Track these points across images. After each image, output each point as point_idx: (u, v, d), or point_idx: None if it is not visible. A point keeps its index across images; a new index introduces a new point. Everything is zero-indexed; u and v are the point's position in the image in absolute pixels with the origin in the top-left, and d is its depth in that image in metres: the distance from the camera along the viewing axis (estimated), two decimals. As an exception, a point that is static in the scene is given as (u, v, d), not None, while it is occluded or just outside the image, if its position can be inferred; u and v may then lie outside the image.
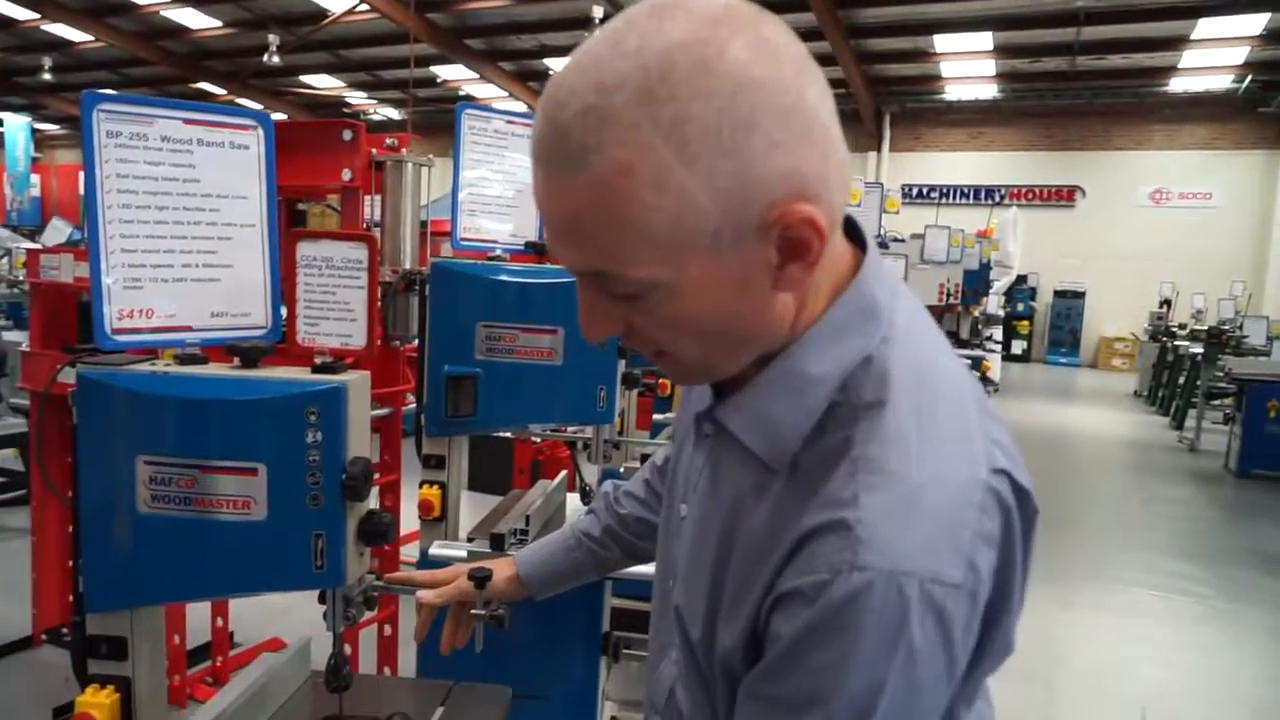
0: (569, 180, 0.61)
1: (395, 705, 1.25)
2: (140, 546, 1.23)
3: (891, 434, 0.64)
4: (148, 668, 1.29)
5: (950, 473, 0.64)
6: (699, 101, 0.58)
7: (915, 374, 0.67)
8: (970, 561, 0.62)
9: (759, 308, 0.66)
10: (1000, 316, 10.68)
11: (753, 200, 0.61)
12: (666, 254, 0.62)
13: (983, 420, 0.69)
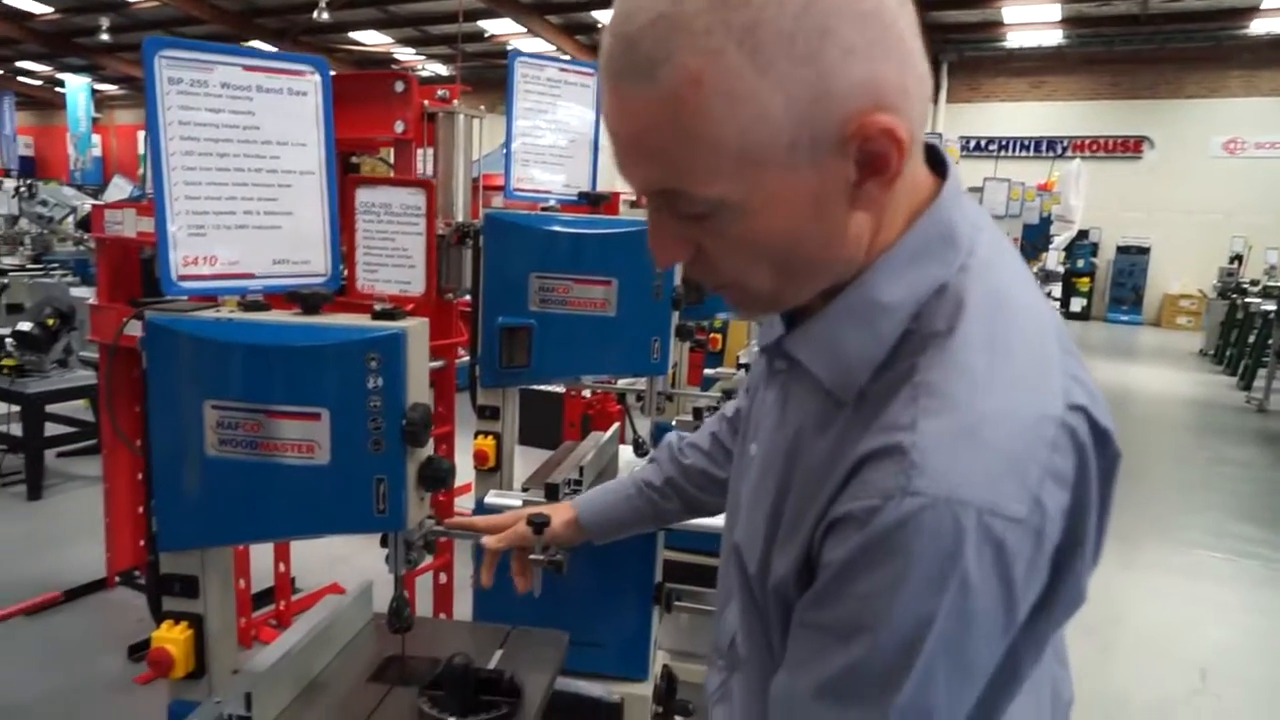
0: (637, 93, 0.59)
1: (455, 647, 1.27)
2: (209, 489, 1.26)
3: (959, 361, 0.61)
4: (219, 606, 1.33)
5: (1020, 405, 0.60)
6: (772, 6, 0.55)
7: (992, 304, 0.64)
8: (1035, 498, 0.58)
9: (835, 228, 0.63)
10: (1060, 273, 10.39)
11: (830, 110, 0.58)
12: (739, 169, 0.59)
13: (1064, 357, 0.64)
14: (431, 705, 1.23)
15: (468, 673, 1.21)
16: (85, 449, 5.62)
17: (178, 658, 1.27)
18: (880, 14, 0.58)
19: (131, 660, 3.28)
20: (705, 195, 0.61)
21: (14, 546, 4.34)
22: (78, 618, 3.66)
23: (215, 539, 1.29)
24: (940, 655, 0.58)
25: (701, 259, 0.67)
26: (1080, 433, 0.61)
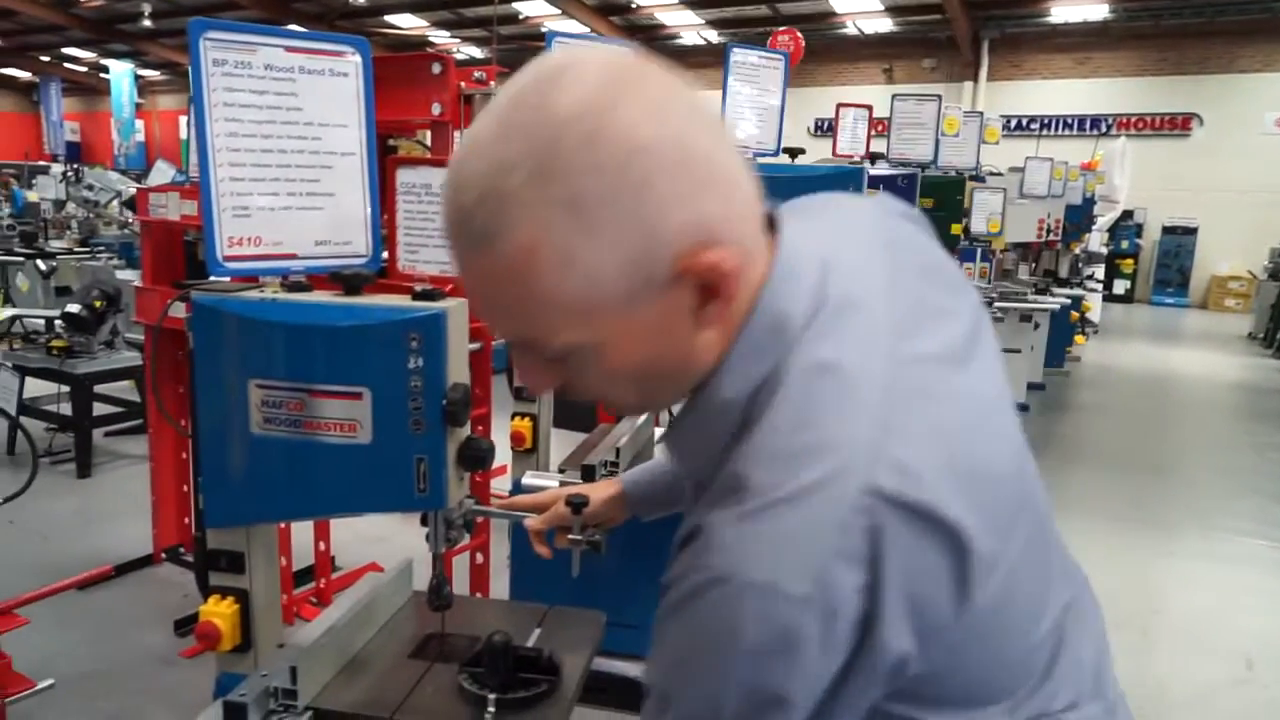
0: (478, 261, 0.63)
1: (494, 625, 1.29)
2: (254, 467, 1.28)
3: (761, 448, 0.64)
4: (264, 582, 1.35)
5: (812, 488, 0.61)
6: (592, 175, 0.59)
7: (806, 384, 0.65)
8: (819, 577, 0.59)
9: (684, 348, 0.68)
10: (1103, 254, 10.17)
11: (658, 256, 0.62)
12: (583, 320, 0.64)
13: (882, 433, 0.63)
14: (472, 681, 1.24)
15: (507, 650, 1.22)
16: (132, 429, 5.75)
17: (225, 631, 1.30)
18: (694, 158, 0.62)
19: (177, 635, 3.36)
20: (556, 345, 0.66)
21: (65, 522, 4.47)
22: (125, 592, 3.76)
23: (260, 516, 1.31)
24: None
25: (571, 387, 0.72)
26: (877, 513, 0.60)
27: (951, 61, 15.57)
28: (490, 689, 1.22)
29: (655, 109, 0.61)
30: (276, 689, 1.20)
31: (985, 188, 5.56)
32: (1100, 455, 6.13)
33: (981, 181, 5.66)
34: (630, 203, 0.60)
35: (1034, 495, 0.74)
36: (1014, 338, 6.61)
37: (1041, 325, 7.05)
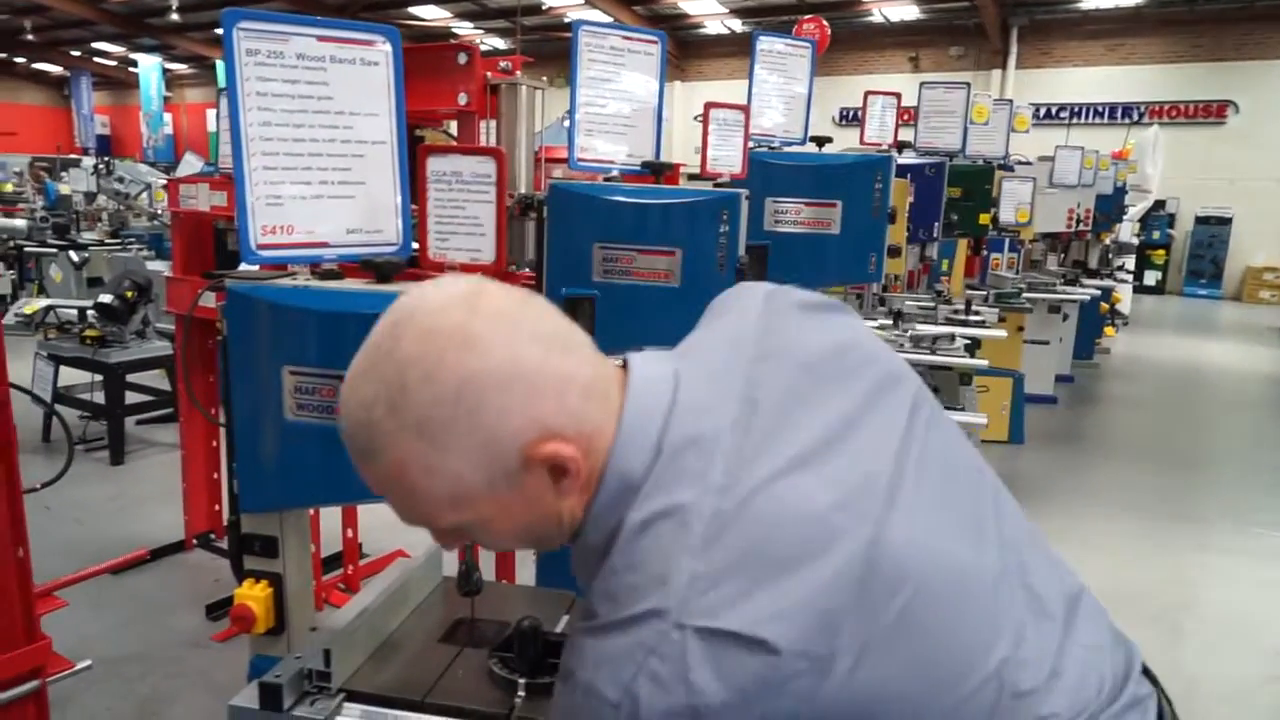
0: (369, 469, 0.79)
1: (523, 611, 1.29)
2: (287, 452, 1.30)
3: (603, 585, 0.78)
4: (296, 566, 1.37)
5: (630, 621, 0.74)
6: (433, 407, 0.74)
7: (638, 535, 0.77)
8: (628, 689, 0.72)
9: (553, 513, 0.81)
10: (1133, 245, 10.01)
11: (505, 453, 0.77)
12: (457, 507, 0.79)
13: (706, 569, 0.74)
14: (502, 666, 1.25)
15: (537, 635, 1.23)
16: (163, 417, 5.84)
17: (259, 614, 1.32)
18: (521, 372, 0.76)
19: (209, 619, 3.41)
20: (444, 525, 0.81)
21: (99, 508, 4.55)
22: (158, 577, 3.82)
23: (293, 501, 1.33)
24: None
25: (475, 544, 0.90)
26: (687, 640, 0.72)
27: (979, 49, 15.36)
28: (520, 673, 1.22)
29: (479, 342, 0.75)
30: (310, 671, 1.21)
31: (1014, 177, 5.49)
32: (1130, 448, 6.06)
33: (1010, 170, 5.59)
34: (467, 423, 0.75)
35: (924, 566, 0.79)
36: (1042, 329, 6.54)
37: (1070, 317, 6.96)
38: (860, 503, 0.78)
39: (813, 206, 2.83)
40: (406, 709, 1.20)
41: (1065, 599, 0.90)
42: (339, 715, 1.19)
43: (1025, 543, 0.90)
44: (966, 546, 0.83)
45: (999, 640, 0.82)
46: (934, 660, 0.78)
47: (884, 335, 3.88)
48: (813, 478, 0.78)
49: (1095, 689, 0.85)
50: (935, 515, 0.82)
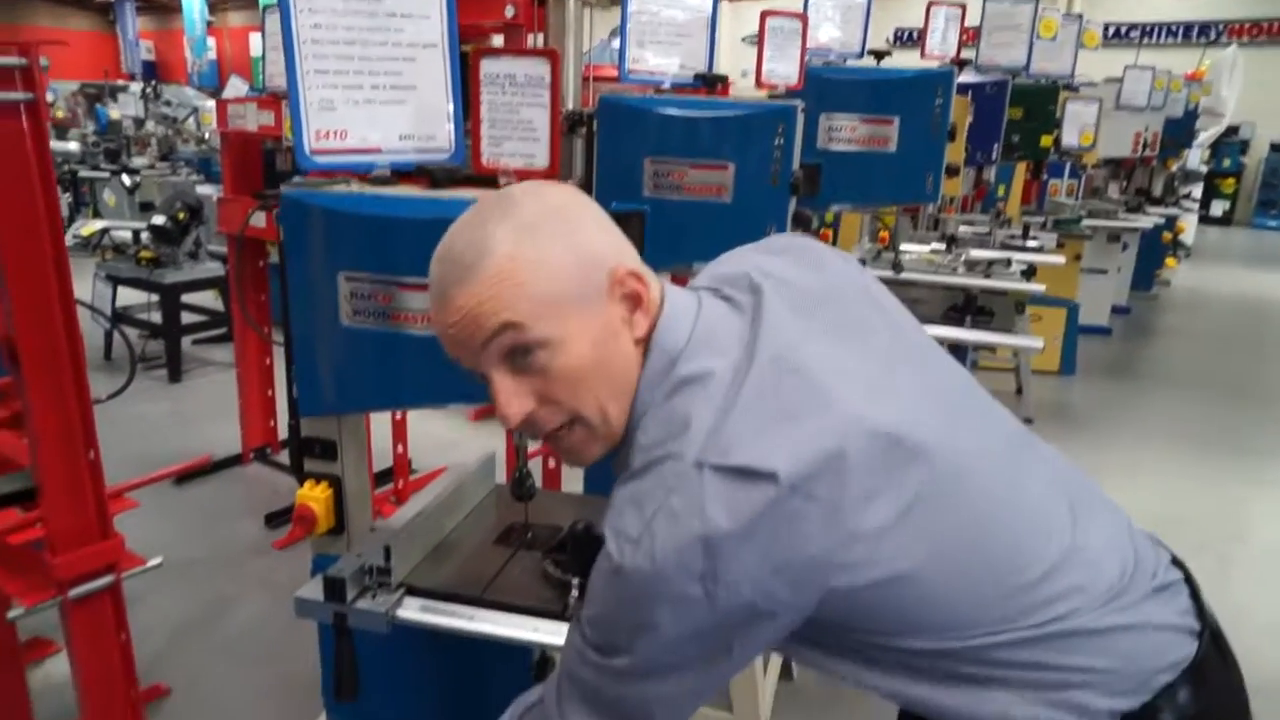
0: (471, 286, 0.84)
1: (574, 516, 1.31)
2: (344, 357, 1.31)
3: (638, 444, 0.86)
4: (354, 469, 1.40)
5: (654, 462, 0.83)
6: (539, 212, 0.86)
7: (659, 406, 0.87)
8: (648, 525, 0.79)
9: (625, 353, 0.88)
10: (1202, 173, 9.58)
11: (596, 266, 0.86)
12: (552, 312, 0.84)
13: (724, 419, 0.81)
14: (555, 567, 1.28)
15: (590, 537, 1.25)
16: (217, 337, 5.98)
17: (320, 514, 1.36)
18: (601, 215, 0.90)
19: (269, 527, 3.55)
20: (533, 334, 0.84)
21: (159, 424, 4.71)
22: (217, 489, 3.97)
23: (350, 406, 1.35)
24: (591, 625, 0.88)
25: (543, 402, 0.88)
26: (703, 479, 0.78)
27: (1045, -36, 14.58)
28: (573, 574, 1.25)
29: (565, 191, 0.90)
30: (371, 567, 1.26)
31: (1079, 98, 5.24)
32: (1185, 381, 5.90)
33: (1076, 91, 5.34)
34: (565, 230, 0.85)
35: (941, 448, 0.84)
36: (1100, 258, 6.34)
37: (1130, 246, 6.73)
38: (865, 378, 0.85)
39: (869, 123, 2.73)
40: (464, 604, 1.23)
41: (1078, 486, 0.96)
42: (399, 608, 1.23)
43: (1028, 438, 0.97)
44: (973, 431, 0.91)
45: (1016, 518, 0.87)
46: (950, 537, 0.83)
47: (936, 260, 3.79)
48: (821, 348, 0.87)
49: (1119, 570, 0.89)
50: (935, 402, 0.90)
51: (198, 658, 2.73)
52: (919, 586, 0.83)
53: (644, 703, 0.89)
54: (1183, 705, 0.87)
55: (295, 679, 2.60)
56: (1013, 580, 0.86)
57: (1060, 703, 0.86)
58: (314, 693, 1.47)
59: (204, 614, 2.97)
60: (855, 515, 0.79)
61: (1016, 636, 0.85)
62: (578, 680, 0.93)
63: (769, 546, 0.77)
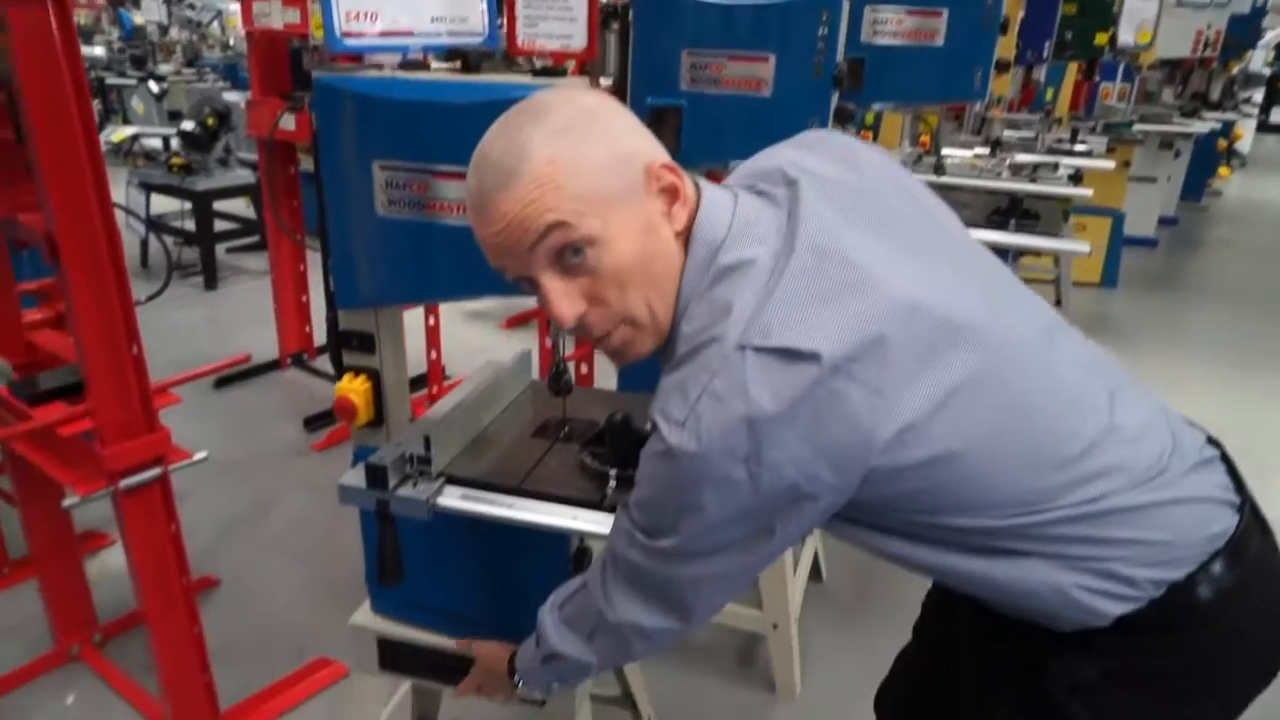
0: (513, 191, 0.84)
1: (611, 411, 1.31)
2: (379, 248, 1.30)
3: (683, 333, 0.88)
4: (392, 362, 1.41)
5: (698, 347, 0.84)
6: (573, 115, 0.86)
7: (703, 295, 0.88)
8: (693, 409, 0.81)
9: (667, 246, 0.89)
10: (1264, 76, 9.10)
11: (633, 162, 0.87)
12: (596, 209, 0.85)
13: (764, 304, 0.82)
14: (593, 459, 1.29)
15: (628, 428, 1.25)
16: (251, 245, 6.02)
17: (359, 406, 1.37)
18: (631, 116, 0.92)
19: (307, 431, 3.63)
20: (580, 233, 0.85)
21: (197, 329, 4.79)
22: (256, 393, 4.05)
23: (386, 297, 1.34)
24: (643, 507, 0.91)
25: (594, 303, 0.89)
26: (745, 361, 0.79)
27: None
28: (611, 465, 1.26)
29: (595, 96, 0.90)
30: (412, 455, 1.27)
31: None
32: (1231, 295, 5.75)
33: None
34: (601, 129, 0.87)
35: (982, 331, 0.85)
36: (1150, 165, 6.11)
37: (1183, 153, 6.48)
38: (905, 265, 0.85)
39: (915, 15, 2.60)
40: (503, 493, 1.25)
41: (1114, 372, 0.96)
42: (440, 496, 1.25)
43: (1065, 325, 0.97)
44: (1012, 317, 0.90)
45: (1055, 400, 0.88)
46: (991, 419, 0.84)
47: (979, 165, 3.67)
48: (860, 238, 0.86)
49: (1158, 450, 0.90)
50: (974, 290, 0.89)
51: (243, 553, 2.83)
52: (960, 468, 0.84)
53: (688, 583, 0.92)
54: (1218, 576, 0.89)
55: (337, 575, 2.69)
56: (1053, 460, 0.86)
57: (1105, 573, 0.88)
58: (355, 587, 1.51)
59: (248, 512, 3.07)
60: (897, 397, 0.79)
61: (1058, 514, 0.87)
62: (624, 563, 0.96)
63: (812, 427, 0.78)
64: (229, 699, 2.10)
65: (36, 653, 2.31)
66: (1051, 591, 0.89)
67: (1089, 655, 0.92)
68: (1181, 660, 0.92)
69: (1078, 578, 0.88)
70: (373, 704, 1.55)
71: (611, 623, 0.99)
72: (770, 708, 2.21)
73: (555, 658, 1.10)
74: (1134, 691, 0.93)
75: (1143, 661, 0.91)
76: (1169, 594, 0.88)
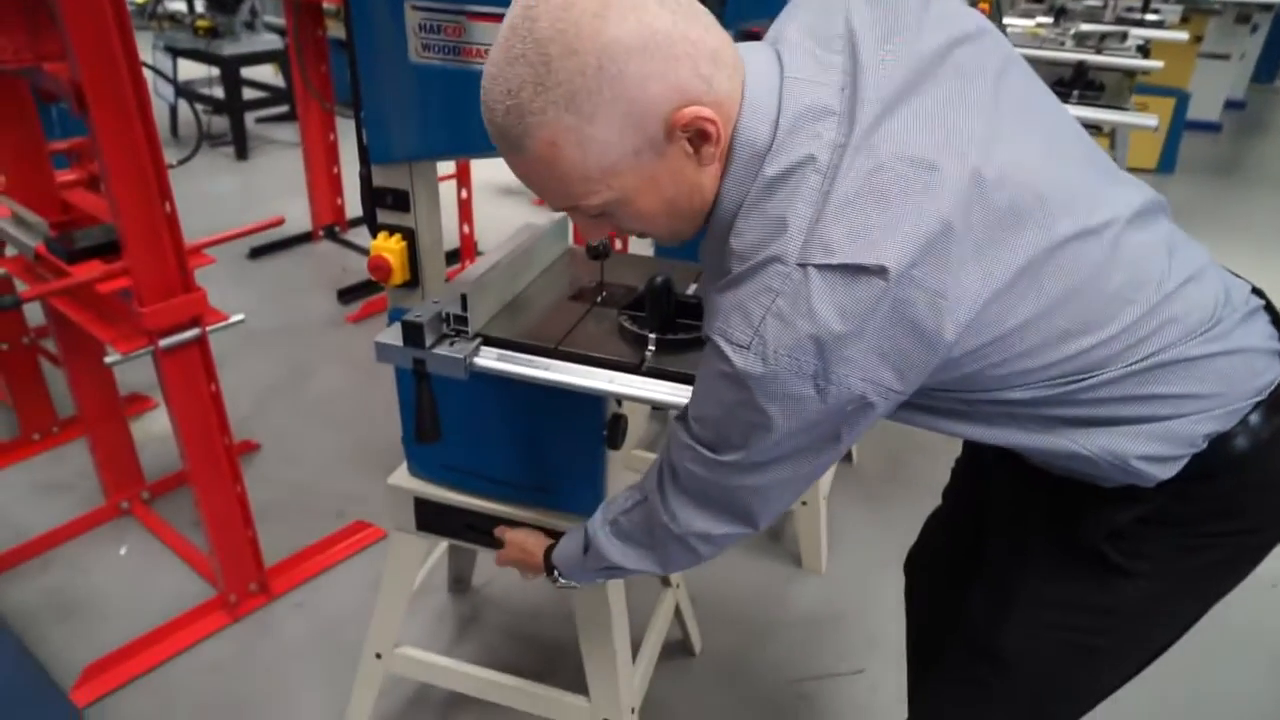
0: (519, 160, 0.82)
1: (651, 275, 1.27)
2: (413, 98, 1.24)
3: (734, 248, 0.83)
4: (427, 222, 1.37)
5: (756, 267, 0.80)
6: (577, 78, 0.75)
7: (763, 196, 0.82)
8: (757, 330, 0.79)
9: (694, 185, 0.85)
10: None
11: (650, 120, 0.78)
12: (607, 181, 0.81)
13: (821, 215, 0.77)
14: (632, 322, 1.26)
15: (669, 292, 1.22)
16: (281, 115, 5.91)
17: (394, 266, 1.34)
18: (655, 40, 0.76)
19: (341, 303, 3.64)
20: (593, 205, 0.84)
21: (230, 198, 4.77)
22: (289, 264, 4.06)
23: (421, 151, 1.29)
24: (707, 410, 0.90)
25: (620, 231, 0.91)
26: (808, 279, 0.76)
27: None
28: (650, 329, 1.23)
29: (612, 11, 0.75)
30: (448, 314, 1.25)
31: None
32: (1297, 183, 5.48)
33: None
34: (610, 91, 0.76)
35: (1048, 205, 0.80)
36: (1223, 40, 5.73)
37: (1260, 28, 6.05)
38: (962, 142, 0.79)
39: None
40: (540, 355, 1.23)
41: (1169, 226, 0.95)
42: (476, 356, 1.23)
43: (1130, 178, 0.94)
44: (1081, 178, 0.86)
45: (1118, 265, 0.84)
46: (1055, 294, 0.81)
47: (1043, 34, 3.45)
48: (915, 122, 0.80)
49: (1212, 302, 0.89)
50: (1035, 149, 0.84)
51: (281, 419, 2.89)
52: (1023, 343, 0.82)
53: (753, 491, 0.92)
54: (1256, 427, 0.89)
55: (373, 443, 2.75)
56: (1114, 323, 0.84)
57: (1162, 434, 0.88)
58: (391, 455, 1.53)
59: (285, 380, 3.11)
60: (963, 294, 0.76)
61: (1117, 374, 0.85)
62: (685, 476, 0.96)
63: (879, 339, 0.76)
64: (272, 556, 2.19)
65: (89, 507, 2.41)
66: (1109, 459, 0.88)
67: (1124, 505, 0.94)
68: (1212, 506, 0.94)
69: (1135, 444, 0.87)
70: (410, 563, 1.59)
71: (677, 534, 1.00)
72: (795, 581, 2.26)
73: (613, 569, 1.12)
74: (1164, 535, 0.95)
75: (1175, 508, 0.93)
76: (1210, 446, 0.89)
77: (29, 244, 1.91)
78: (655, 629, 1.78)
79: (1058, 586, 1.01)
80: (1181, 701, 1.90)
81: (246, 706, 1.88)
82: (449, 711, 1.86)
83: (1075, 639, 1.02)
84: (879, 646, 2.06)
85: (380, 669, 1.68)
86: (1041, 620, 1.03)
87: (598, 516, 1.14)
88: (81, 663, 1.92)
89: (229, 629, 2.07)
